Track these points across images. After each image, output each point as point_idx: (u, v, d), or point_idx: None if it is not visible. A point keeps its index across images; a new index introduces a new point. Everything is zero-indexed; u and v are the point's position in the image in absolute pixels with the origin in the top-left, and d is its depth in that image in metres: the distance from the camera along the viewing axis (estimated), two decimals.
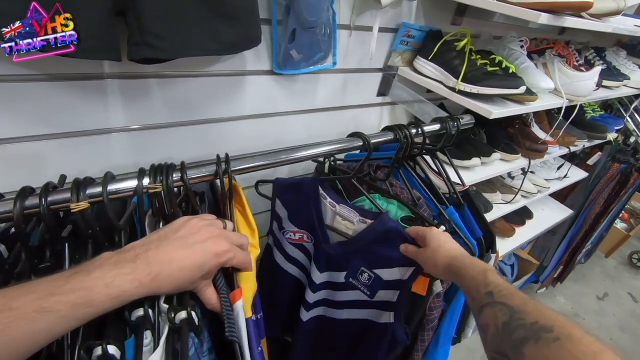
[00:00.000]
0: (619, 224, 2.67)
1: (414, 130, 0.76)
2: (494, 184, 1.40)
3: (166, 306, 0.48)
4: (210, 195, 0.65)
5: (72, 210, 0.41)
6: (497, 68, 0.89)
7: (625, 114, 1.69)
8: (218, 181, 0.55)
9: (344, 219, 0.69)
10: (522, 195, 1.41)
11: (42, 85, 0.58)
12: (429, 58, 0.95)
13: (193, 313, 0.47)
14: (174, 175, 0.49)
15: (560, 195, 1.94)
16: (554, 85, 0.99)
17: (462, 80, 0.87)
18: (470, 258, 0.56)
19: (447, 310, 0.81)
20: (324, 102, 0.95)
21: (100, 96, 0.64)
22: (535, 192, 1.43)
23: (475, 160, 1.00)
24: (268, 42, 0.76)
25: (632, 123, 1.73)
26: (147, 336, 0.47)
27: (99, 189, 0.43)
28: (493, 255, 0.86)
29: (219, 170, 0.53)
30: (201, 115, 0.77)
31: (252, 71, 0.78)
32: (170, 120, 0.74)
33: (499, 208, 1.35)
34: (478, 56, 0.90)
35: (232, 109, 0.81)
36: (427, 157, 0.93)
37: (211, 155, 0.82)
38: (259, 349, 0.50)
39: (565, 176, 1.55)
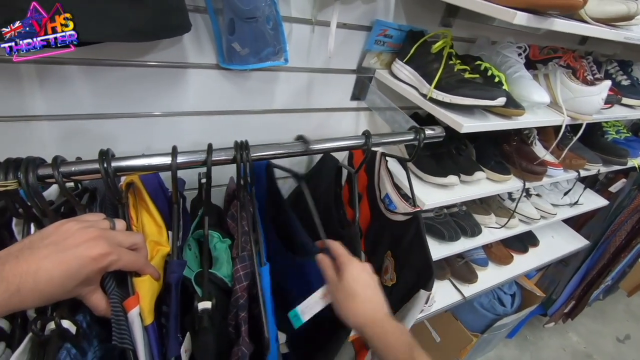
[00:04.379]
0: None
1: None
2: (489, 205, 1.27)
3: (34, 315, 0.44)
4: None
5: None
6: (477, 75, 0.78)
7: None
8: None
9: None
10: (520, 220, 1.27)
11: None
12: (405, 60, 0.85)
13: (66, 322, 0.42)
14: (39, 172, 0.43)
15: (577, 223, 1.75)
16: (551, 99, 0.87)
17: (435, 87, 0.77)
18: (394, 324, 0.50)
19: None
20: (286, 102, 0.87)
21: (14, 81, 0.60)
22: (538, 218, 1.28)
23: (452, 179, 0.89)
24: (210, 33, 0.70)
25: None
26: None
27: None
28: (425, 293, 0.75)
29: (101, 169, 0.47)
30: (136, 108, 0.72)
31: (195, 64, 0.72)
32: (100, 111, 0.69)
33: (491, 232, 1.21)
34: (457, 61, 0.80)
35: (174, 103, 0.75)
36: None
37: (149, 150, 0.78)
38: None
39: (576, 202, 1.38)
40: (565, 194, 1.33)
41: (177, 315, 0.48)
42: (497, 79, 0.81)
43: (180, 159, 0.50)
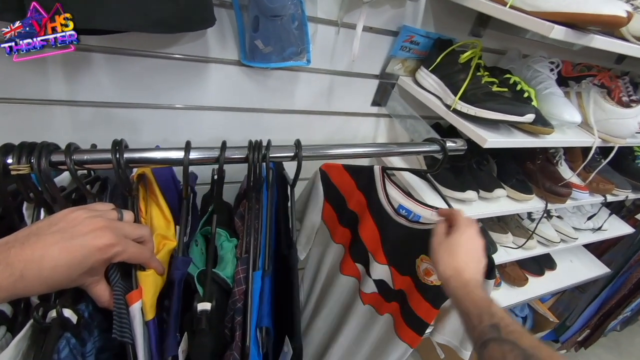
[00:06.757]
0: None
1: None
2: (507, 223, 1.23)
3: (37, 302, 0.43)
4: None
5: None
6: (506, 89, 0.75)
7: None
8: None
9: None
10: (539, 242, 1.22)
11: None
12: (430, 69, 0.82)
13: (68, 311, 0.42)
14: (52, 158, 0.43)
15: (598, 249, 1.68)
16: (583, 119, 0.82)
17: (459, 99, 0.74)
18: (480, 281, 0.53)
19: None
20: (305, 104, 0.86)
21: (38, 65, 0.61)
22: (558, 242, 1.23)
23: (471, 194, 0.86)
24: (234, 29, 0.69)
25: None
26: None
27: None
28: (489, 282, 0.71)
29: (112, 159, 0.46)
30: (157, 99, 0.72)
31: (217, 59, 0.72)
32: (120, 100, 0.69)
33: (507, 252, 1.17)
34: (486, 73, 0.77)
35: (194, 97, 0.75)
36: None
37: (166, 142, 0.78)
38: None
39: (600, 228, 1.32)
40: (589, 218, 1.27)
41: (177, 314, 0.47)
42: (526, 94, 0.77)
43: (193, 155, 0.50)
